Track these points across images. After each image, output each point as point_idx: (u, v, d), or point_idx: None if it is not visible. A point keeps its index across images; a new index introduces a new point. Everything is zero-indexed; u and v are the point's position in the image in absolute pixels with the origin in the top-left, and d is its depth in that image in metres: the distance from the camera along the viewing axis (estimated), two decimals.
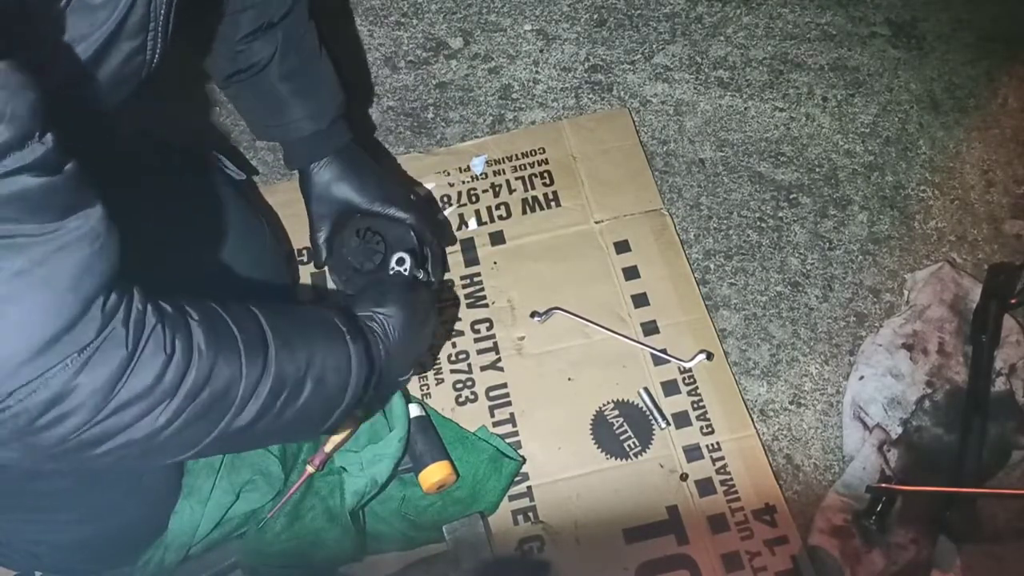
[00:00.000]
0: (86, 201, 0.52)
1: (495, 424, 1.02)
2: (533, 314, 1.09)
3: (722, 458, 0.99)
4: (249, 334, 0.64)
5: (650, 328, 1.08)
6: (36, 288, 0.49)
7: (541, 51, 1.39)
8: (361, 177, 1.00)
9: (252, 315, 0.66)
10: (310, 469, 0.92)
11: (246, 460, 0.92)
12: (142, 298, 0.56)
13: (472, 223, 1.19)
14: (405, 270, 0.95)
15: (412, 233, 1.01)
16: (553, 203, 1.20)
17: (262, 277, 1.02)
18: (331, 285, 1.11)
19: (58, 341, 0.50)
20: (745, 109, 1.31)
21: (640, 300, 1.11)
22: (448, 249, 1.15)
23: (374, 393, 0.80)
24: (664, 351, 1.05)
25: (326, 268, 1.07)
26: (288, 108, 0.96)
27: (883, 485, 0.94)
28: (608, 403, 1.03)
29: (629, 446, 1.00)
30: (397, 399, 0.98)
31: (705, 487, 0.97)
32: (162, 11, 0.67)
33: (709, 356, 1.05)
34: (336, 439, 0.94)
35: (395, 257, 0.96)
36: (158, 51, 0.70)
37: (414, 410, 0.99)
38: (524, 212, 1.20)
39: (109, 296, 0.54)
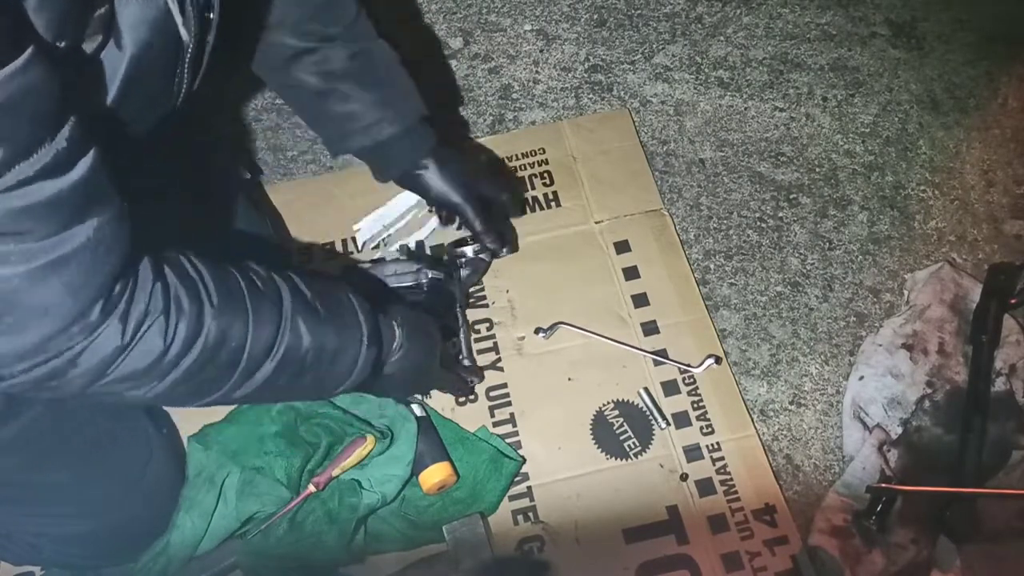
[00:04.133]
0: (97, 204, 0.53)
1: (495, 424, 1.02)
2: (537, 330, 1.08)
3: (722, 458, 0.99)
4: (263, 314, 0.66)
5: (650, 328, 1.08)
6: (38, 292, 0.51)
7: (541, 51, 1.39)
8: (451, 166, 0.99)
9: (275, 290, 0.69)
10: (312, 489, 0.91)
11: (256, 490, 0.92)
12: (151, 281, 0.58)
13: None
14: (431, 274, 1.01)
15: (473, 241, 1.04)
16: (553, 203, 1.20)
17: None
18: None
19: (52, 340, 0.54)
20: (745, 109, 1.31)
21: (640, 300, 1.11)
22: None
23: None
24: (672, 359, 1.05)
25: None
26: (367, 112, 0.95)
27: (883, 485, 0.94)
28: (608, 403, 1.03)
29: (629, 446, 1.00)
30: (405, 416, 0.97)
31: (705, 487, 0.97)
32: (189, 53, 0.65)
33: (718, 360, 1.04)
34: (345, 464, 0.92)
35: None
36: (184, 86, 0.69)
37: (414, 410, 0.99)
38: (524, 212, 1.20)
39: (110, 295, 0.56)
